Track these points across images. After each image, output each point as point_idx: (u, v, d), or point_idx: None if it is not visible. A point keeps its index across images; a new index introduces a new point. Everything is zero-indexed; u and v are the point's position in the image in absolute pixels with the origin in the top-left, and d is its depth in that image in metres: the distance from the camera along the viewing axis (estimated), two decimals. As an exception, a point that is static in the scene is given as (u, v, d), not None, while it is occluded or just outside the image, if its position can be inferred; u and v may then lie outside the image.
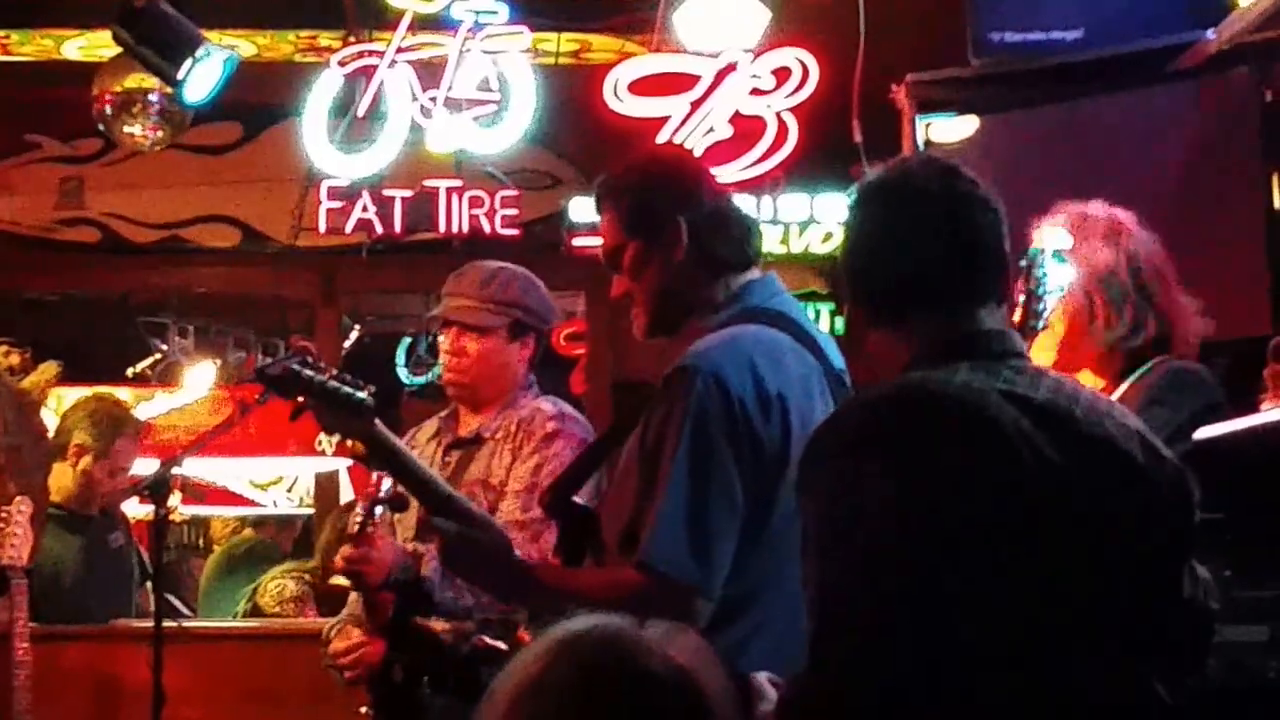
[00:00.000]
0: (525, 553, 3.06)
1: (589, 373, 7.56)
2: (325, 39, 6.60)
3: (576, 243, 6.32)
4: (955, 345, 2.07)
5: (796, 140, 6.16)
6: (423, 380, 8.69)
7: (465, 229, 6.39)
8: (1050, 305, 2.84)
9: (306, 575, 5.53)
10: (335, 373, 2.93)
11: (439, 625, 3.29)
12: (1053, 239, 2.94)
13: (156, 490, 3.49)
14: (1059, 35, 5.00)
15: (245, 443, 7.41)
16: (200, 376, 8.40)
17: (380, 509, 3.21)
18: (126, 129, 6.06)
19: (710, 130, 6.18)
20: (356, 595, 3.44)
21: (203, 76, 5.20)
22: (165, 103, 5.94)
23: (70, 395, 6.14)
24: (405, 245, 6.64)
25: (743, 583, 2.56)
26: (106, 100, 6.00)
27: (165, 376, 8.48)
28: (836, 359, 2.77)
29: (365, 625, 3.40)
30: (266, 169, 7.08)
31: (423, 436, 3.70)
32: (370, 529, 3.22)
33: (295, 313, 8.22)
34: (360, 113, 6.22)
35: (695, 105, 6.19)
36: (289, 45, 6.72)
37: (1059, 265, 2.90)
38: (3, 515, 4.27)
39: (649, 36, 6.34)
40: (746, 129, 6.19)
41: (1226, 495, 2.38)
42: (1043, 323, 2.83)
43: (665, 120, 6.17)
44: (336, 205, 6.36)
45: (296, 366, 2.89)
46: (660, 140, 6.05)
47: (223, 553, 7.29)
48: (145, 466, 5.15)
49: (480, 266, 3.69)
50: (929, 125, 5.23)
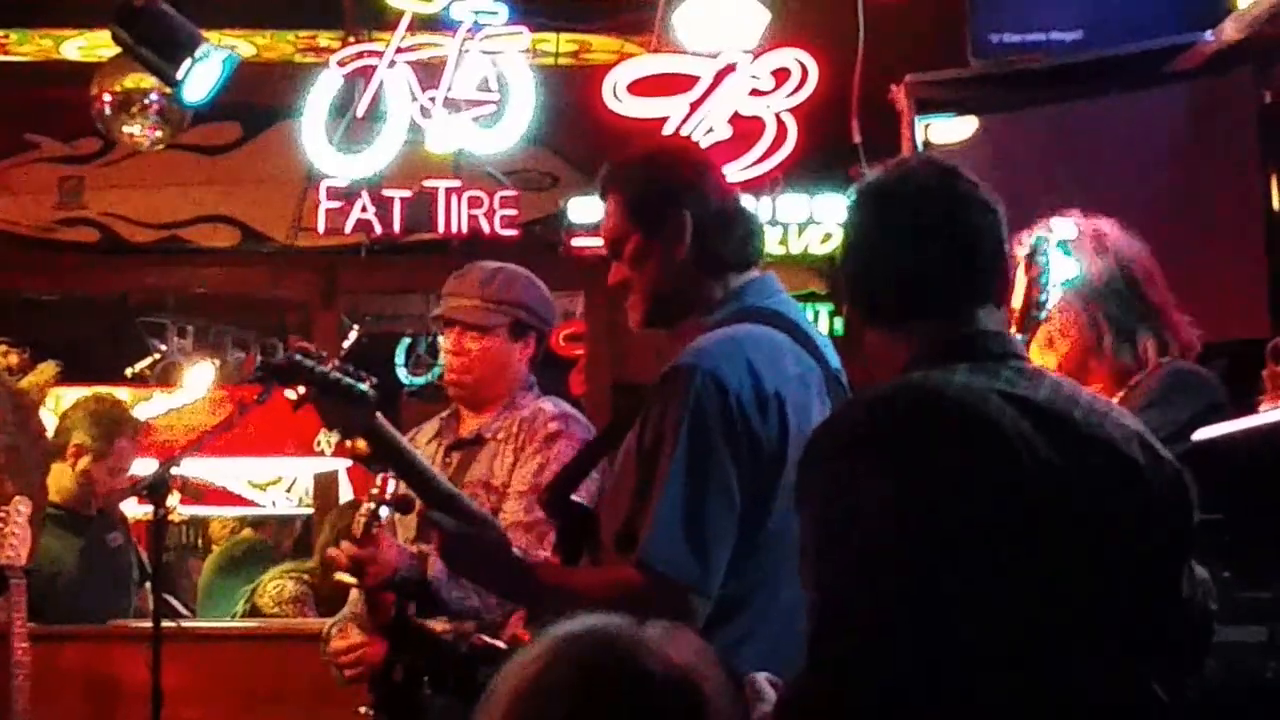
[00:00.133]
0: (531, 553, 3.06)
1: (588, 373, 7.56)
2: (325, 39, 6.60)
3: (576, 243, 6.32)
4: (954, 346, 2.07)
5: (796, 141, 6.16)
6: (422, 381, 8.69)
7: (464, 229, 6.38)
8: (1051, 296, 2.85)
9: (305, 575, 5.52)
10: (337, 364, 2.94)
11: (439, 625, 3.29)
12: (1059, 229, 2.94)
13: (155, 490, 3.49)
14: (1058, 36, 5.01)
15: (244, 443, 7.39)
16: (199, 376, 8.39)
17: (386, 510, 3.21)
18: (126, 129, 6.06)
19: (709, 131, 6.17)
20: (358, 593, 3.44)
21: (202, 76, 5.20)
22: (164, 103, 5.94)
23: (69, 395, 6.14)
24: (404, 245, 6.65)
25: (739, 582, 2.55)
26: (106, 100, 6.00)
27: (164, 376, 8.47)
28: (834, 359, 2.76)
29: (366, 624, 3.40)
30: (265, 169, 7.09)
31: (423, 437, 3.69)
32: (376, 530, 3.23)
33: (294, 313, 8.22)
34: (359, 113, 6.22)
35: (694, 106, 6.19)
36: (288, 45, 6.73)
37: (1063, 256, 2.91)
38: (1, 515, 4.28)
39: (648, 37, 6.34)
40: (746, 130, 6.19)
41: (1225, 496, 2.38)
42: (1044, 312, 2.84)
43: (664, 121, 6.17)
44: (336, 205, 6.35)
45: (299, 357, 2.90)
46: (660, 141, 6.06)
47: (221, 553, 7.29)
48: (144, 466, 5.15)
49: (481, 266, 3.69)
50: (928, 126, 5.22)
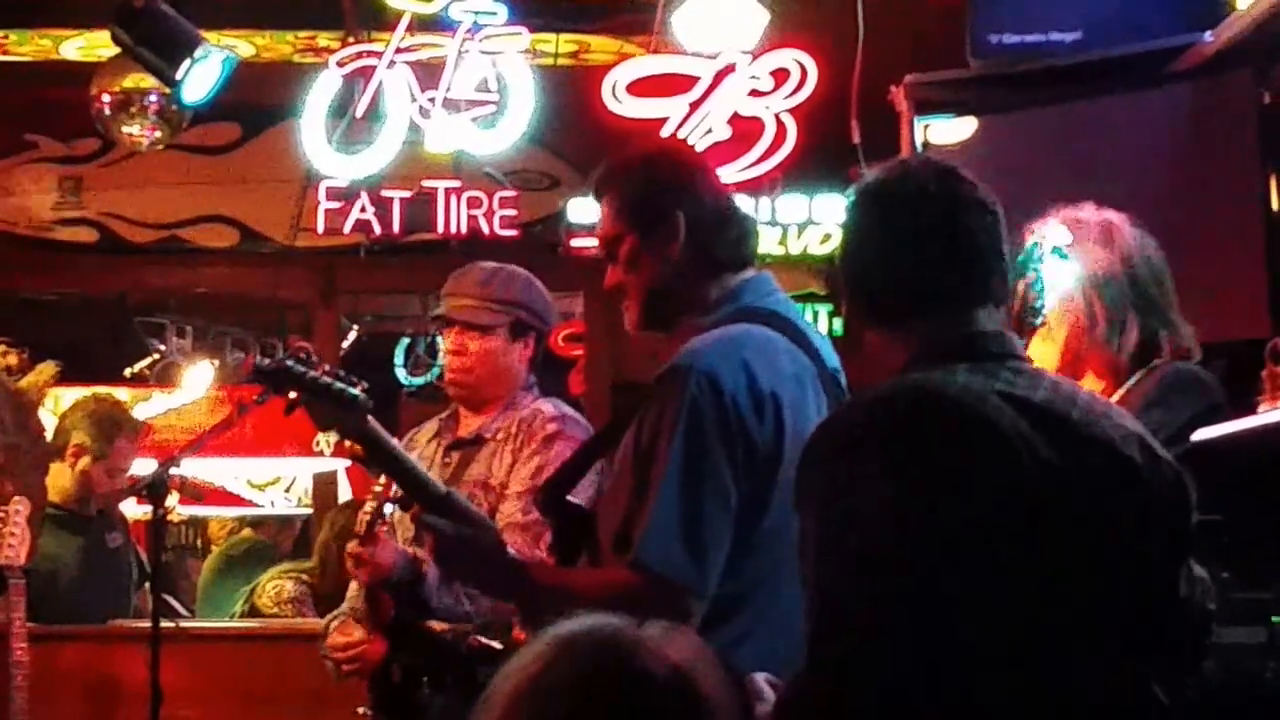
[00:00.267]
0: (528, 555, 3.06)
1: (587, 373, 7.56)
2: (324, 39, 6.60)
3: (575, 243, 6.32)
4: (953, 346, 2.07)
5: (795, 141, 6.16)
6: (421, 381, 8.69)
7: (464, 230, 6.39)
8: (1048, 301, 2.85)
9: (304, 576, 5.52)
10: (329, 369, 2.94)
11: (439, 625, 3.30)
12: (1052, 235, 2.94)
13: (154, 490, 3.49)
14: (1057, 37, 5.00)
15: (243, 443, 7.41)
16: (198, 377, 8.39)
17: (390, 509, 3.22)
18: (125, 129, 6.06)
19: (709, 131, 6.17)
20: (358, 589, 3.45)
21: (201, 77, 5.20)
22: (163, 103, 5.94)
23: (68, 395, 6.14)
24: (404, 246, 6.65)
25: (736, 582, 2.55)
26: (105, 100, 6.00)
27: (163, 377, 8.47)
28: (832, 359, 2.76)
29: (366, 621, 3.41)
30: (265, 169, 7.09)
31: (422, 437, 3.70)
32: (378, 528, 3.24)
33: (293, 313, 8.22)
34: (359, 113, 6.21)
35: (694, 106, 6.19)
36: (288, 46, 6.73)
37: (1058, 261, 2.91)
38: (1, 515, 4.28)
39: (648, 37, 6.34)
40: (745, 130, 6.19)
41: (1224, 497, 2.38)
42: (1040, 318, 2.84)
43: (664, 121, 6.17)
44: (335, 206, 6.35)
45: (290, 363, 2.91)
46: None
47: (221, 553, 7.29)
48: (143, 467, 5.15)
49: (480, 266, 3.69)
50: (927, 126, 5.22)
